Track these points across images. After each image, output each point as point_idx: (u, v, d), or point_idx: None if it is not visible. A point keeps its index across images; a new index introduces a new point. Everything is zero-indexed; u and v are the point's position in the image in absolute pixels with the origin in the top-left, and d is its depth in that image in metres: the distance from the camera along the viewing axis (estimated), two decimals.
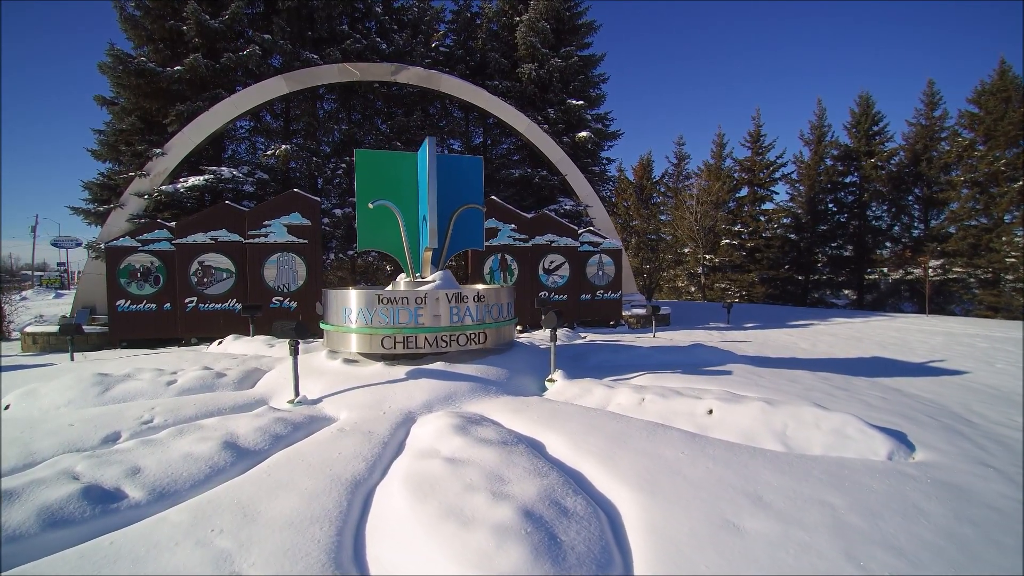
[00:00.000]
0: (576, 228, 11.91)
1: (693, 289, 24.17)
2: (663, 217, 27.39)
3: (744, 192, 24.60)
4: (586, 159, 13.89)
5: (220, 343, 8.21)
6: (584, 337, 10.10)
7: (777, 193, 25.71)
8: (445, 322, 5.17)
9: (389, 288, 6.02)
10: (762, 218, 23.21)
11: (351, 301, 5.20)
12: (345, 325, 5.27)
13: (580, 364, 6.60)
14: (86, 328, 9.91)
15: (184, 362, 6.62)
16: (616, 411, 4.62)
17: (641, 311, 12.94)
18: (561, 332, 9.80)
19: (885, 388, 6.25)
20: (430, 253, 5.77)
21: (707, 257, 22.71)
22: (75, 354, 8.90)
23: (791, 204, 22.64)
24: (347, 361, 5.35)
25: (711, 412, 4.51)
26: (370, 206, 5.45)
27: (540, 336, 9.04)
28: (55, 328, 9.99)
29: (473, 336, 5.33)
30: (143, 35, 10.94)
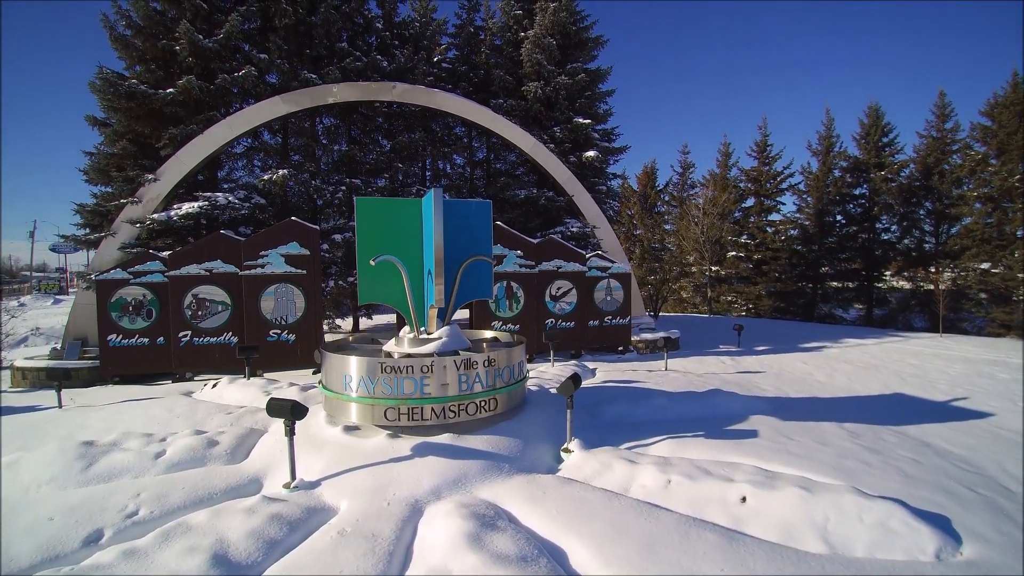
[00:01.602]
0: (584, 252, 11.55)
1: (698, 300, 23.82)
2: (667, 227, 27.03)
3: (750, 202, 24.22)
4: (593, 178, 13.52)
5: (214, 386, 7.84)
6: (594, 371, 9.74)
7: (784, 204, 25.34)
8: (453, 391, 4.80)
9: (392, 342, 5.66)
10: (769, 229, 22.84)
11: (351, 368, 4.83)
12: (345, 393, 4.91)
13: (595, 419, 6.24)
14: (77, 363, 9.55)
15: (175, 417, 6.26)
16: (641, 496, 4.25)
17: (650, 336, 12.58)
18: (568, 365, 9.45)
19: (916, 444, 5.91)
20: (435, 311, 5.40)
21: (713, 269, 22.35)
22: (67, 390, 8.57)
23: (798, 215, 22.28)
24: (348, 429, 4.98)
25: (744, 500, 4.15)
26: (372, 263, 5.08)
27: (551, 375, 8.66)
28: (45, 363, 9.63)
29: (483, 404, 4.97)
30: (135, 55, 10.54)
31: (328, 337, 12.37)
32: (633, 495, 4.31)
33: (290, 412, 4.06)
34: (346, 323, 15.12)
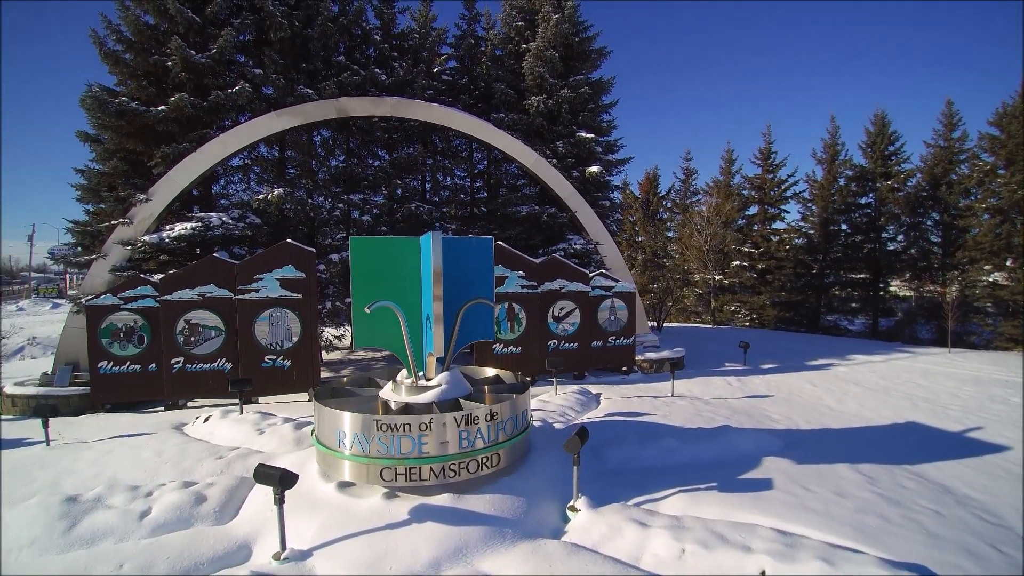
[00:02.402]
0: (587, 272, 11.28)
1: (701, 309, 23.55)
2: (670, 234, 26.72)
3: (754, 210, 23.94)
4: (596, 192, 13.24)
5: (207, 420, 7.58)
6: (598, 397, 9.47)
7: (788, 212, 25.02)
8: (454, 449, 4.55)
9: (389, 388, 5.40)
10: (773, 238, 22.55)
11: (344, 424, 4.58)
12: (338, 450, 4.65)
13: (602, 464, 5.98)
14: (68, 391, 9.30)
15: (164, 463, 5.99)
16: (653, 568, 4.00)
17: (655, 355, 12.33)
18: (571, 393, 9.19)
19: (935, 490, 5.71)
20: (434, 359, 5.14)
21: (717, 278, 22.08)
22: (58, 419, 8.35)
23: (803, 224, 22.00)
24: (342, 486, 4.73)
25: (764, 575, 3.90)
26: (367, 311, 4.82)
27: (554, 406, 8.40)
28: (35, 391, 9.37)
29: (485, 460, 4.71)
30: (125, 71, 10.25)
31: (325, 370, 12.08)
32: (645, 566, 4.06)
33: (279, 482, 3.81)
34: (344, 336, 14.84)
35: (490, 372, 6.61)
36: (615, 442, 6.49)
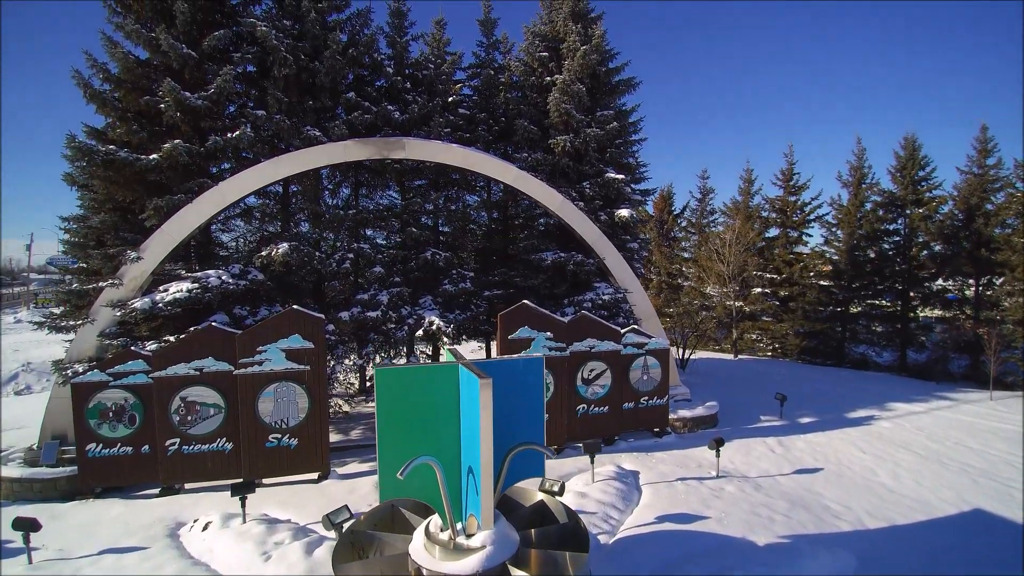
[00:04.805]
0: (619, 329, 10.40)
1: (719, 336, 22.65)
2: (686, 255, 25.80)
3: (774, 232, 23.02)
4: (624, 235, 12.32)
5: (205, 528, 6.72)
6: (637, 481, 8.59)
7: (811, 236, 24.08)
8: None
9: (422, 543, 4.52)
10: (798, 263, 21.63)
11: None
12: None
13: None
14: (54, 472, 8.42)
15: None
16: None
17: (688, 413, 11.47)
18: (610, 481, 8.30)
19: None
20: (475, 519, 4.28)
21: (738, 304, 21.19)
22: (45, 504, 7.56)
23: (828, 249, 21.07)
24: None
25: None
26: (400, 476, 3.94)
27: (593, 500, 7.53)
28: (19, 473, 8.46)
29: None
30: (114, 113, 9.30)
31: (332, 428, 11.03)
32: None
33: None
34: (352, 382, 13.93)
35: (533, 495, 5.74)
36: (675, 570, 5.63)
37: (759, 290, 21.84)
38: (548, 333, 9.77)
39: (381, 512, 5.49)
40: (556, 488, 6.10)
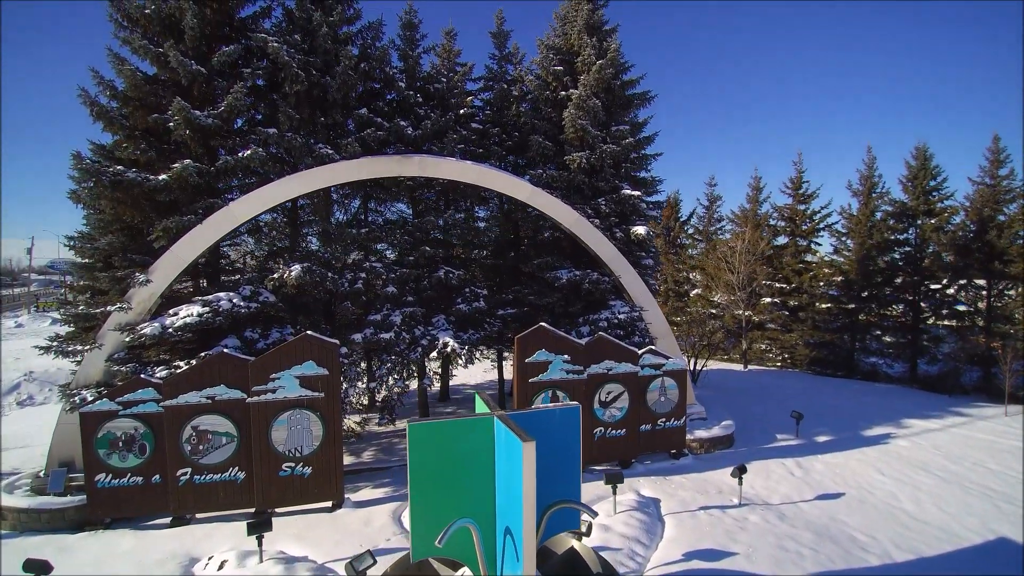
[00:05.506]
0: (636, 351, 10.21)
1: (727, 346, 22.47)
2: (693, 263, 25.60)
3: (782, 240, 22.84)
4: (639, 252, 12.13)
5: (221, 567, 6.53)
6: (659, 511, 8.41)
7: (820, 244, 23.89)
8: None
9: None
10: (807, 272, 21.45)
11: None
12: None
13: None
14: (62, 503, 8.21)
15: None
16: None
17: (705, 434, 11.30)
18: (632, 512, 8.11)
19: None
20: None
21: (747, 314, 21.01)
22: (53, 535, 7.47)
23: (838, 258, 20.90)
24: None
25: None
26: (438, 544, 3.75)
27: (617, 534, 7.35)
28: (26, 503, 8.25)
29: None
30: (122, 131, 9.07)
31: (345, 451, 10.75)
32: None
33: None
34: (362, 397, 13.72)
35: (564, 541, 5.55)
36: None
37: (768, 299, 21.67)
38: (565, 355, 9.59)
39: (407, 562, 5.30)
40: (584, 529, 5.93)
